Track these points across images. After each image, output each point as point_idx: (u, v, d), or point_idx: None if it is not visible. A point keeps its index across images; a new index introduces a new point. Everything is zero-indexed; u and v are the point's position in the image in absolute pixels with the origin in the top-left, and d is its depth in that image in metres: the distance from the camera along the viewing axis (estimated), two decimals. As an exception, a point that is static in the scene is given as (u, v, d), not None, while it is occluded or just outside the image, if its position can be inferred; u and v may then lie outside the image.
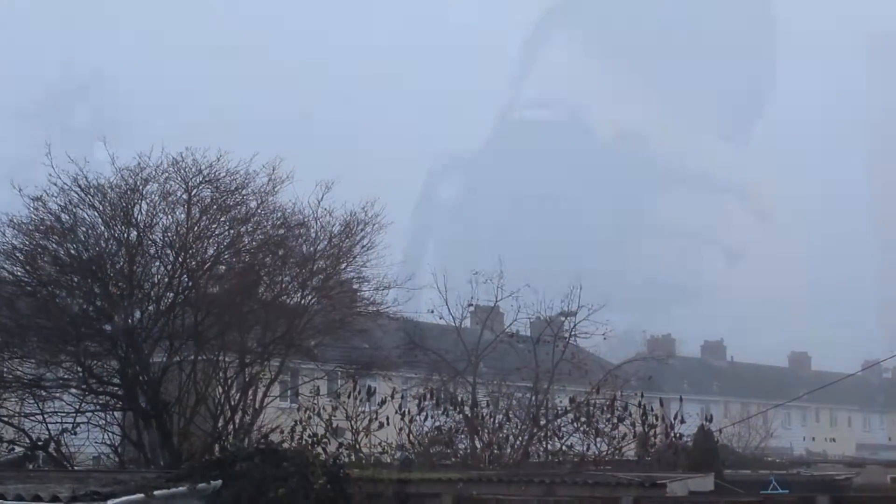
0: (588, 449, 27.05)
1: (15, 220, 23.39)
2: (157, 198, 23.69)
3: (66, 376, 24.11)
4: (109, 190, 23.46)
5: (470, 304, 31.30)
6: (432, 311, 30.42)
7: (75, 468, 23.92)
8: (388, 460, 26.02)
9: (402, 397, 27.86)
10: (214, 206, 23.99)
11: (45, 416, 24.34)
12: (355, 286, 26.54)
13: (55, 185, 23.20)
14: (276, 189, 24.44)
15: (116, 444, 25.27)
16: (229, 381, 24.97)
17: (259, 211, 24.49)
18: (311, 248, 25.29)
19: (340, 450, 24.09)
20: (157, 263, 24.18)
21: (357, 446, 25.46)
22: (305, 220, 25.07)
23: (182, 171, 23.53)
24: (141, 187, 23.49)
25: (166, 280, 24.06)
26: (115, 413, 25.06)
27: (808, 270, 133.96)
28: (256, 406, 25.13)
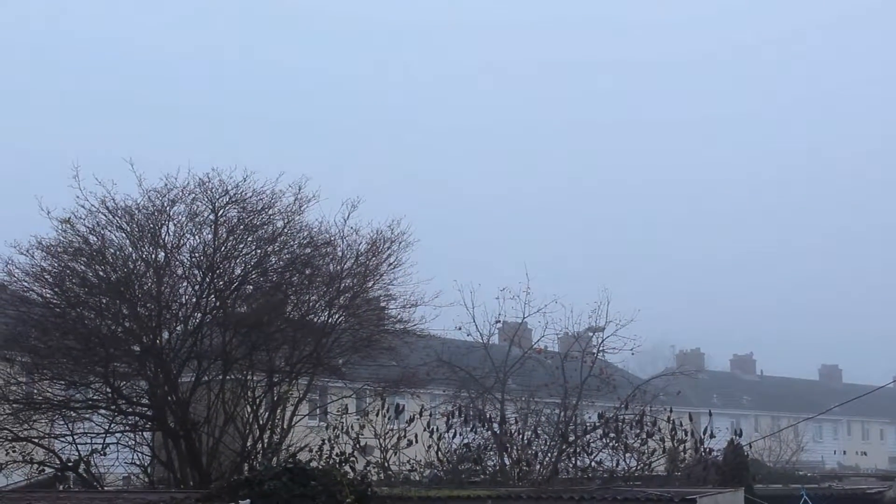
0: (617, 465, 26.96)
1: (43, 243, 23.50)
2: (184, 218, 23.78)
3: (95, 397, 24.21)
4: (137, 211, 23.56)
5: (497, 321, 31.36)
6: (460, 328, 30.51)
7: (105, 489, 24.06)
8: (417, 478, 26.04)
9: (431, 415, 27.85)
10: (241, 226, 24.06)
11: (75, 437, 24.44)
12: (382, 304, 26.54)
13: (83, 207, 23.34)
14: (302, 208, 24.49)
15: (146, 464, 25.35)
16: (257, 400, 25.01)
17: (286, 230, 24.53)
18: (338, 267, 25.30)
19: (369, 468, 24.12)
20: (185, 284, 24.27)
21: (385, 464, 25.49)
22: (332, 238, 25.11)
23: (209, 192, 23.61)
24: (168, 208, 23.58)
25: (194, 300, 24.14)
26: (145, 433, 25.14)
27: (837, 284, 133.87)
28: (285, 425, 25.15)
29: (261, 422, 24.89)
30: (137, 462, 25.30)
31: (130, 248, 23.82)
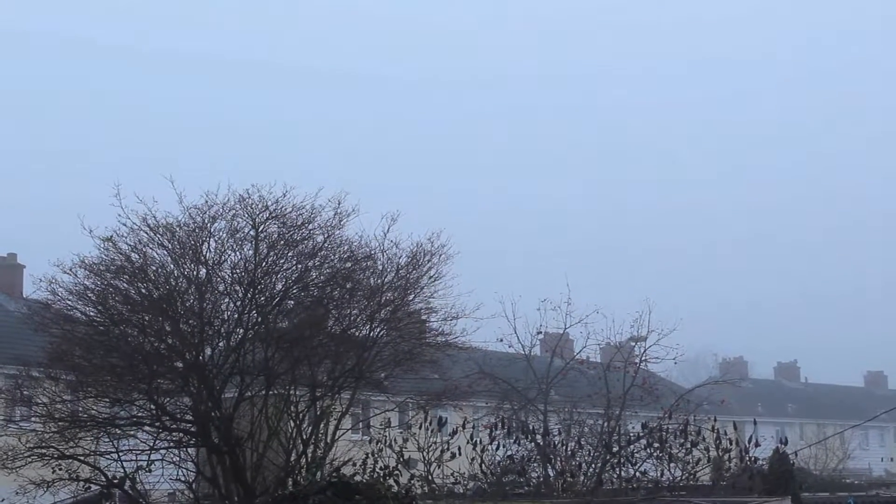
0: (662, 475, 26.83)
1: (86, 261, 23.60)
2: (224, 235, 23.78)
3: (139, 414, 24.28)
4: (178, 229, 23.61)
5: (539, 332, 31.31)
6: (501, 340, 30.48)
7: (151, 505, 24.16)
8: (461, 490, 26.01)
9: (474, 427, 27.82)
10: (282, 242, 24.06)
11: (121, 454, 24.53)
12: (423, 317, 26.50)
13: (125, 225, 23.43)
14: (342, 223, 24.45)
15: (191, 480, 25.40)
16: (300, 414, 25.02)
17: (326, 245, 24.50)
18: (379, 281, 25.27)
19: (413, 481, 24.10)
20: (227, 300, 24.26)
21: (430, 477, 25.47)
22: (372, 252, 25.09)
23: (249, 208, 23.63)
24: (209, 225, 23.62)
25: (236, 316, 24.15)
26: (189, 449, 25.20)
27: (881, 289, 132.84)
28: (328, 439, 25.16)
29: (304, 436, 24.89)
30: (182, 478, 25.33)
31: (172, 265, 23.88)
